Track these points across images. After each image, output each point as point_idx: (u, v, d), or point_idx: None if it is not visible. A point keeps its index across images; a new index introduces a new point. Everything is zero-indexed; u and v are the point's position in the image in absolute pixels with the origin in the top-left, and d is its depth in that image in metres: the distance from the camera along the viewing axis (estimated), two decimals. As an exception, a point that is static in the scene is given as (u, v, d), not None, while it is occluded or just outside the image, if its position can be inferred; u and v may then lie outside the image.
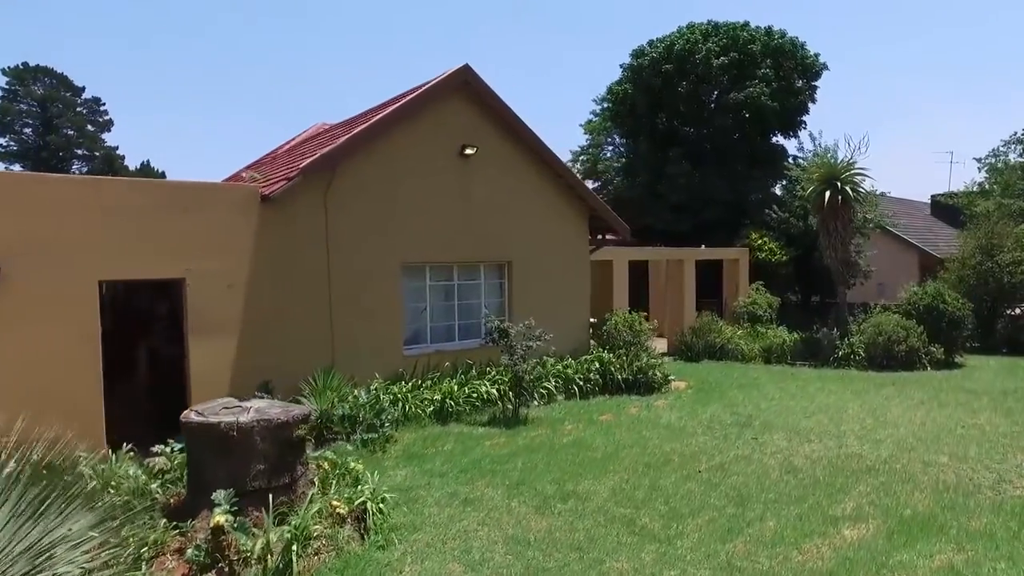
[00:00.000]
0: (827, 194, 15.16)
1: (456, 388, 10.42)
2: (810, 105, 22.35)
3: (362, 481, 6.56)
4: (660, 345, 17.04)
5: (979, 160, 26.01)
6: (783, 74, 21.59)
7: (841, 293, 15.88)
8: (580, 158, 33.62)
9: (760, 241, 20.21)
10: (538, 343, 10.19)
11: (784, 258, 19.99)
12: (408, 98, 10.49)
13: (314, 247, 9.74)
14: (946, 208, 27.20)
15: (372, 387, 9.74)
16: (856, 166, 15.54)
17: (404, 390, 10.12)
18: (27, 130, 47.59)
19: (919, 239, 26.47)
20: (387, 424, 8.85)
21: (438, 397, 10.19)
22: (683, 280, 16.27)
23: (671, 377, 12.49)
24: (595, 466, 7.71)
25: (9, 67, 46.67)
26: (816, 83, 22.26)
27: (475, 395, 10.55)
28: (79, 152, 48.50)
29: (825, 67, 22.14)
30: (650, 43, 22.69)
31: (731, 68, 21.31)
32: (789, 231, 20.25)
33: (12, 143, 46.74)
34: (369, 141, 10.12)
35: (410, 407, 9.88)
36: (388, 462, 7.95)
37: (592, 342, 13.20)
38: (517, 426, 9.74)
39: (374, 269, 10.28)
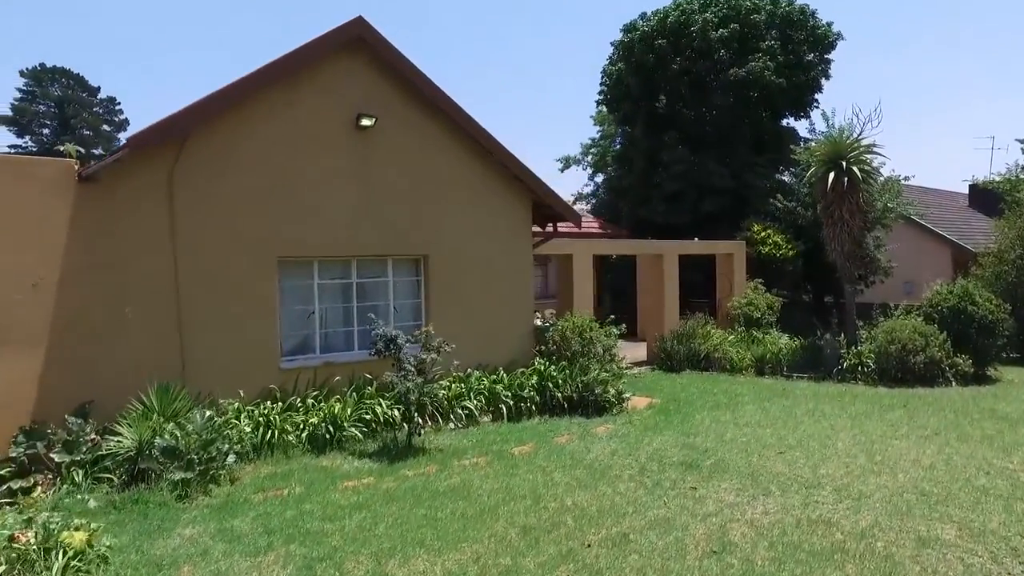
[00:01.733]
0: (831, 177, 12.59)
1: (341, 409, 8.35)
2: (823, 82, 19.55)
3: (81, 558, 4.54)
4: (639, 352, 14.71)
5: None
6: (791, 47, 18.88)
7: (848, 292, 13.26)
8: (591, 151, 31.23)
9: (764, 234, 17.59)
10: (434, 356, 8.01)
11: (791, 252, 17.35)
12: (284, 55, 8.43)
13: (155, 237, 7.76)
14: (985, 196, 23.98)
15: (225, 408, 7.75)
16: (865, 143, 12.92)
17: (272, 412, 8.10)
18: (45, 130, 47.46)
19: (953, 232, 23.34)
20: (220, 458, 6.82)
21: (315, 420, 8.14)
22: (663, 277, 13.88)
23: (627, 395, 10.16)
24: (454, 529, 5.53)
25: (27, 68, 46.66)
26: (829, 56, 19.46)
27: (370, 417, 8.48)
28: (95, 152, 48.17)
29: (840, 37, 19.33)
30: (642, 16, 20.21)
31: (732, 41, 18.71)
32: (797, 222, 17.59)
33: (32, 143, 46.68)
34: (228, 108, 8.10)
35: (275, 433, 7.85)
36: (187, 515, 5.91)
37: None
38: (405, 459, 7.62)
39: (240, 265, 8.27)
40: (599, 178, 29.95)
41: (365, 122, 9.00)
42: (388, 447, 8.09)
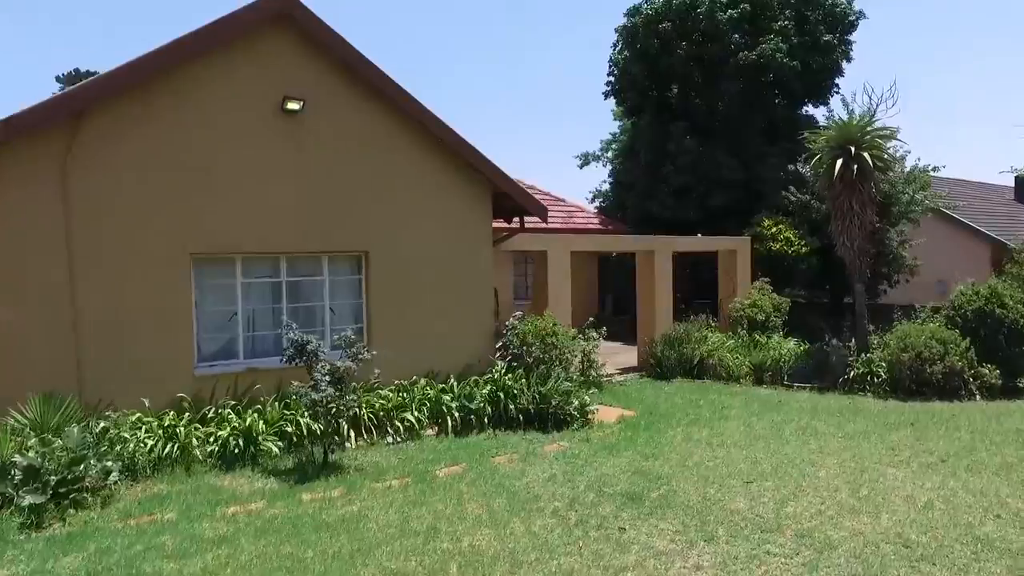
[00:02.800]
0: (838, 164, 11.15)
1: (255, 420, 7.44)
2: (844, 65, 17.88)
3: None
4: (630, 358, 13.50)
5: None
6: (807, 27, 17.28)
7: (859, 292, 11.78)
8: (611, 146, 29.91)
9: (774, 229, 16.09)
10: (349, 364, 7.02)
11: (804, 249, 15.82)
12: (196, 30, 7.56)
13: (47, 231, 6.99)
14: (1032, 189, 21.90)
15: (123, 420, 6.94)
16: (878, 126, 11.44)
17: (178, 423, 7.24)
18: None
19: (995, 227, 21.32)
20: (94, 477, 5.98)
21: (224, 433, 7.25)
22: (655, 276, 12.61)
23: (592, 408, 8.98)
24: (314, 574, 4.55)
25: (63, 74, 47.59)
26: (850, 37, 17.78)
27: (291, 429, 7.56)
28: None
29: (862, 16, 17.65)
30: (646, -1, 18.89)
31: (742, 22, 17.22)
32: (811, 217, 16.03)
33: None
34: (132, 88, 7.27)
35: (177, 448, 6.99)
36: (15, 550, 5.04)
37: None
38: (315, 479, 6.68)
39: (147, 261, 7.44)
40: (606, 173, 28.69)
41: (291, 106, 8.08)
42: (304, 465, 7.16)
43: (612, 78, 21.02)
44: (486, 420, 8.67)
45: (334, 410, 6.93)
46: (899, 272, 16.58)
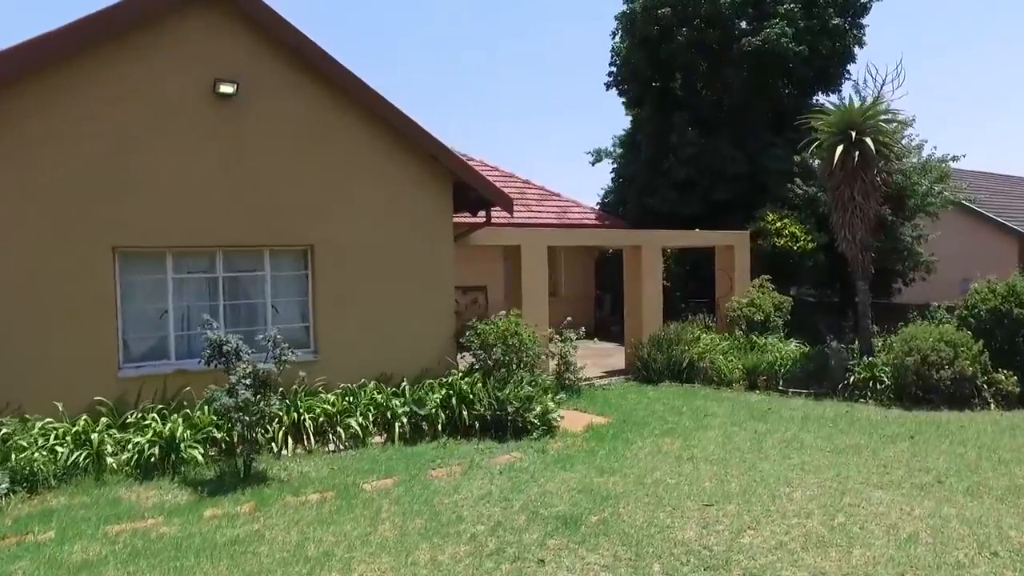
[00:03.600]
0: (838, 151, 10.18)
1: (175, 427, 6.81)
2: (856, 50, 16.75)
3: None
4: (618, 361, 12.67)
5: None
6: (816, 10, 16.19)
7: (862, 290, 10.76)
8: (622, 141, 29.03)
9: (779, 223, 15.08)
10: (268, 366, 6.36)
11: (811, 245, 14.78)
12: (117, 4, 6.97)
13: (-50, 221, 6.47)
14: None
15: (31, 426, 6.37)
16: (883, 109, 10.43)
17: (92, 429, 6.66)
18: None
19: (1023, 223, 19.95)
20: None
21: (143, 440, 6.65)
22: (641, 273, 11.75)
23: (556, 415, 8.18)
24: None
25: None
26: (863, 21, 16.65)
27: (220, 435, 6.93)
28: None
29: (876, -1, 16.52)
30: (644, -18, 17.95)
31: (745, 6, 16.22)
32: (818, 210, 14.98)
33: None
34: (42, 67, 6.71)
35: (88, 457, 6.41)
36: None
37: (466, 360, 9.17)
38: (232, 491, 6.05)
39: (64, 255, 6.88)
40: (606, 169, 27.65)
41: (225, 89, 7.46)
42: (225, 475, 6.52)
43: (613, 68, 20.19)
44: (439, 427, 7.95)
45: (250, 418, 6.27)
46: (915, 269, 15.44)
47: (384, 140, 8.51)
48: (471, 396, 8.07)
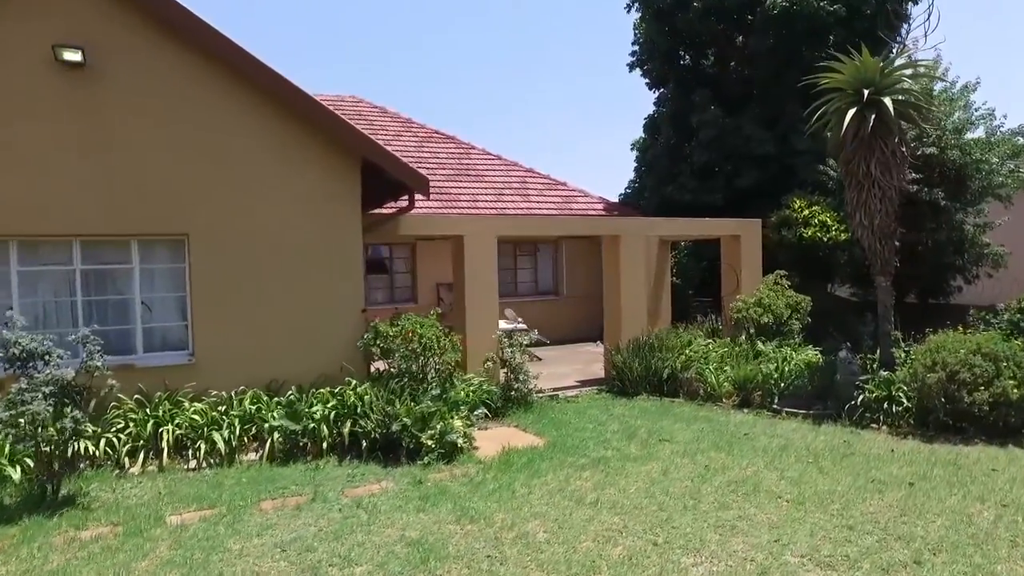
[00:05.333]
0: (849, 115, 8.09)
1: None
2: (909, 7, 14.11)
3: None
4: (601, 368, 10.97)
5: None
6: (856, -38, 13.75)
7: (882, 288, 8.57)
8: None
9: (807, 211, 12.82)
10: (65, 372, 5.24)
11: (845, 235, 12.44)
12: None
13: None
14: None
15: None
16: (907, 64, 8.23)
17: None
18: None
19: None
20: None
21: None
22: (620, 267, 9.99)
23: (458, 437, 6.65)
24: None
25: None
26: (916, -29, 14.01)
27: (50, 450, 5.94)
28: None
29: (931, -57, 13.83)
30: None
31: (771, -37, 14.00)
32: (855, 195, 12.62)
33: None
34: None
35: None
36: None
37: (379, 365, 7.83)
38: (20, 519, 5.02)
39: None
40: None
41: (69, 56, 6.45)
42: (33, 497, 5.51)
43: (636, 47, 18.28)
44: (326, 445, 6.67)
45: (54, 434, 5.19)
46: (978, 264, 12.76)
47: (276, 117, 7.32)
48: (360, 410, 6.74)
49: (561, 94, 47.75)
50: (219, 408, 6.78)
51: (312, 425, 6.66)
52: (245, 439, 6.68)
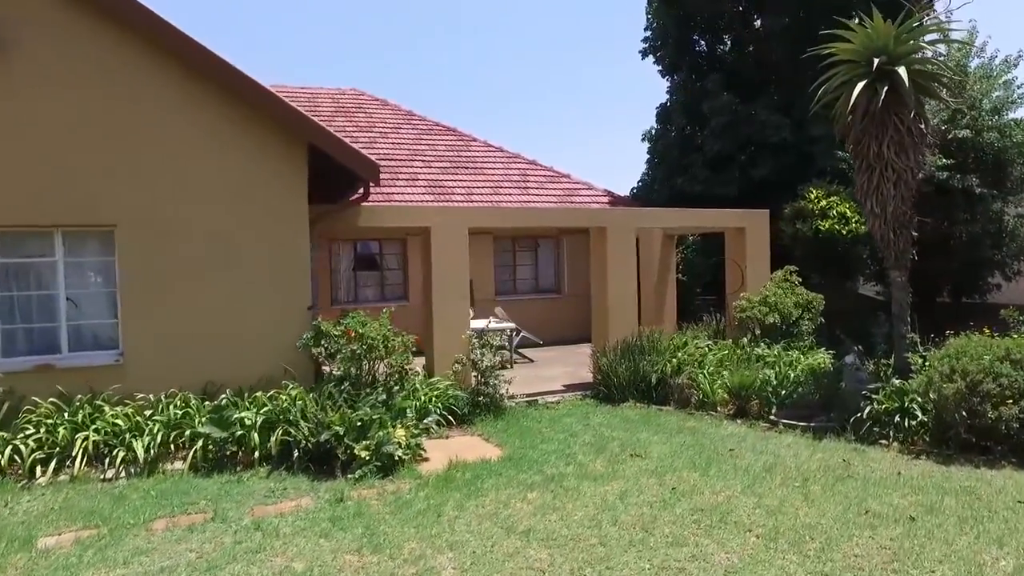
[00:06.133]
0: (858, 88, 7.06)
1: None
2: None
3: None
4: (588, 372, 10.09)
5: None
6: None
7: (897, 284, 7.51)
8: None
9: (824, 202, 11.69)
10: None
11: (865, 228, 11.28)
12: None
13: None
14: None
15: None
16: (926, 28, 7.16)
17: None
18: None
19: None
20: None
21: None
22: (607, 262, 9.13)
23: (394, 449, 5.91)
24: None
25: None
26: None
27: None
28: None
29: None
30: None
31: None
32: (878, 184, 11.44)
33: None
34: None
35: None
36: None
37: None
38: None
39: None
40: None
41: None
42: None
43: (648, 33, 17.30)
44: (257, 455, 6.03)
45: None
46: (1020, 259, 11.47)
47: (215, 102, 6.74)
48: (292, 417, 6.08)
49: (577, 87, 46.73)
50: (146, 412, 6.22)
51: (240, 433, 6.04)
52: (172, 447, 6.11)
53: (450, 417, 7.53)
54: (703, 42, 16.08)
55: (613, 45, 46.01)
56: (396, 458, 5.89)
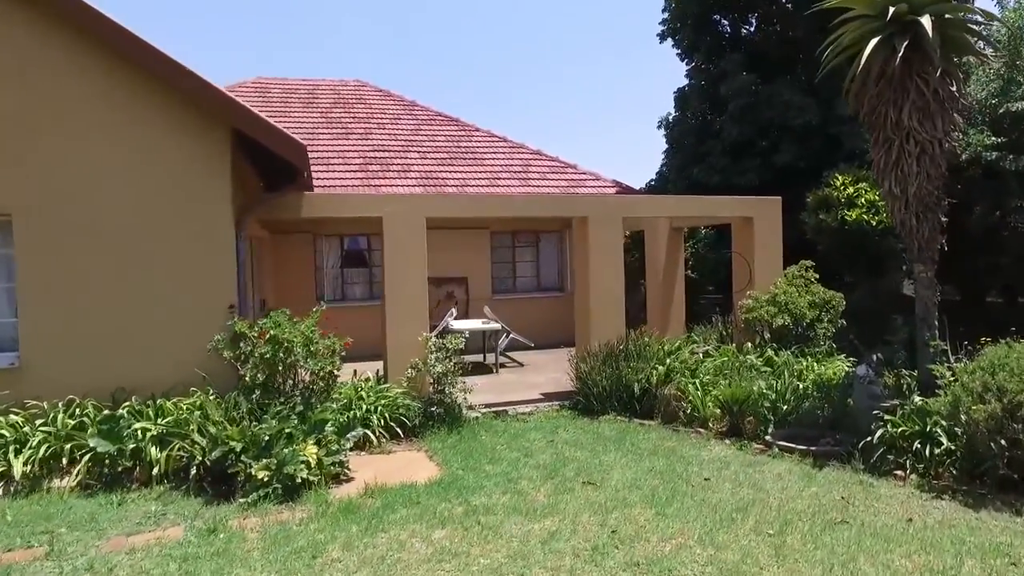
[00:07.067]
0: (871, 45, 5.80)
1: None
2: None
3: None
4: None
5: None
6: None
7: (922, 280, 6.19)
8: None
9: (851, 189, 10.26)
10: None
11: (898, 219, 9.83)
12: None
13: None
14: None
15: None
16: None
17: None
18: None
19: None
20: None
21: None
22: (588, 257, 8.04)
23: (293, 470, 5.02)
24: None
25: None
26: None
27: None
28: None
29: None
30: None
31: None
32: (914, 168, 9.94)
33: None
34: None
35: None
36: None
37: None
38: None
39: None
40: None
41: None
42: None
43: (667, 15, 16.02)
44: (156, 471, 5.26)
45: None
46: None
47: (128, 81, 6.00)
48: (189, 430, 5.28)
49: (595, 77, 45.21)
50: (37, 422, 5.53)
51: (133, 446, 5.28)
52: (65, 461, 5.40)
53: (398, 430, 6.65)
54: (725, 21, 14.73)
55: (628, 33, 44.41)
56: (300, 480, 5.01)
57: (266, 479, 4.92)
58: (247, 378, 5.70)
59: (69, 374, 5.85)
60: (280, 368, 5.60)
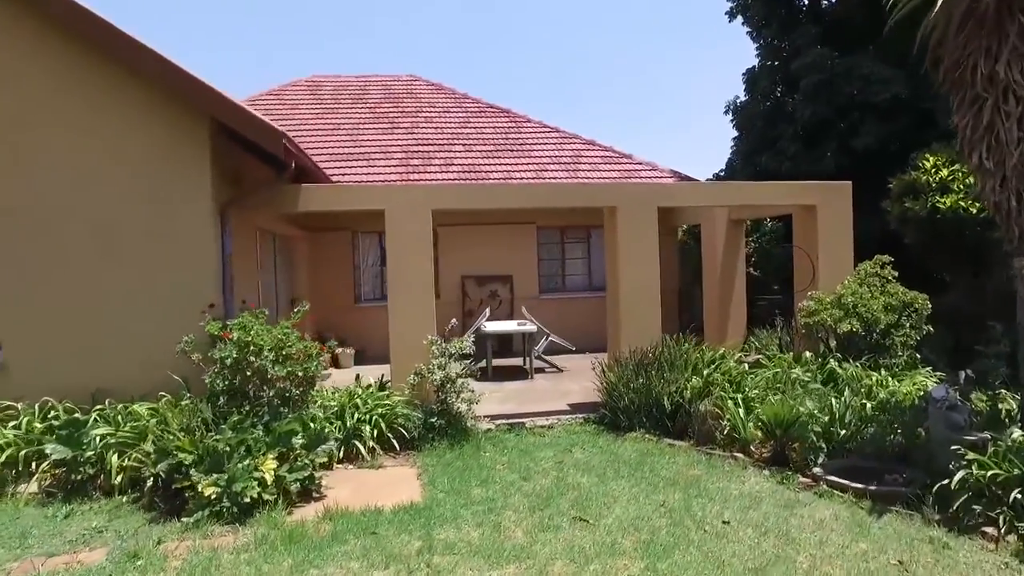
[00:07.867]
0: (956, -22, 4.51)
1: None
2: None
3: None
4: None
5: None
6: None
7: (1022, 275, 4.79)
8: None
9: (945, 172, 8.59)
10: None
11: (1006, 207, 8.10)
12: None
13: None
14: None
15: None
16: None
17: None
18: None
19: None
20: None
21: None
22: (617, 251, 7.05)
23: (242, 487, 4.43)
24: None
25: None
26: None
27: None
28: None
29: None
30: None
31: None
32: None
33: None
34: None
35: None
36: None
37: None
38: None
39: None
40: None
41: None
42: None
43: (735, -10, 14.51)
44: (119, 480, 4.90)
45: None
46: None
47: (101, 66, 5.69)
48: (147, 438, 4.86)
49: (670, 70, 42.84)
50: (10, 424, 5.33)
51: (91, 453, 4.93)
52: (32, 465, 5.15)
53: (395, 442, 6.01)
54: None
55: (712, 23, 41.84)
56: (250, 499, 4.45)
57: (213, 496, 4.39)
58: (208, 383, 5.23)
59: (49, 375, 5.64)
60: (248, 373, 5.09)
